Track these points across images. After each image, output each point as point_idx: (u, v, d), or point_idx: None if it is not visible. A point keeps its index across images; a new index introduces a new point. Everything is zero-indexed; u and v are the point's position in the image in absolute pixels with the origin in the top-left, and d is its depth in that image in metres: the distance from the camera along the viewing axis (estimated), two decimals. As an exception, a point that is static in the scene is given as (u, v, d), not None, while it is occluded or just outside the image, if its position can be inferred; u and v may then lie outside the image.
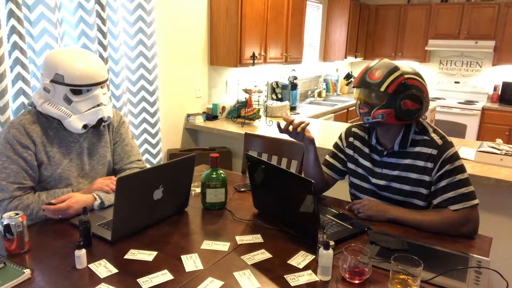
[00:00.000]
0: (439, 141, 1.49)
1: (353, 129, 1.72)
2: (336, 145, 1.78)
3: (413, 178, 1.52)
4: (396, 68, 1.46)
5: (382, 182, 1.59)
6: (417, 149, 1.51)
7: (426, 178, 1.50)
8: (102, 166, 1.68)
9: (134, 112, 2.72)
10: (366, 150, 1.65)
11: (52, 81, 1.48)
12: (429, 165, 1.49)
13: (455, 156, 1.47)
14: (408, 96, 1.45)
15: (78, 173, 1.60)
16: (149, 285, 1.09)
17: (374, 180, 1.61)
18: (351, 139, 1.71)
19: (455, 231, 1.42)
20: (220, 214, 1.57)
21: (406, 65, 1.51)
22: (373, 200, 1.59)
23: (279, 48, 3.65)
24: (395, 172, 1.55)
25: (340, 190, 2.05)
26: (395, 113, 1.46)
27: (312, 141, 1.63)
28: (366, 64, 1.55)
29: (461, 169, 1.46)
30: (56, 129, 1.56)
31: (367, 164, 1.63)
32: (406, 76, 1.46)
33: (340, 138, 1.76)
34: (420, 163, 1.51)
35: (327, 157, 1.79)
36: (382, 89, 1.45)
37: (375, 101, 1.49)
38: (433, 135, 1.52)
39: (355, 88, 1.56)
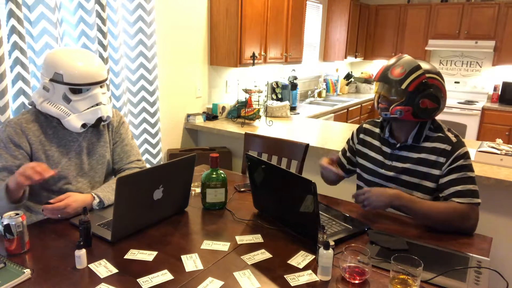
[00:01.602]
0: (454, 139, 1.53)
1: (364, 125, 1.78)
2: (347, 143, 1.85)
3: (421, 171, 1.55)
4: (418, 67, 1.49)
5: (390, 174, 1.61)
6: (431, 144, 1.54)
7: (435, 172, 1.52)
8: (101, 166, 1.68)
9: (134, 112, 2.71)
10: (377, 143, 1.69)
11: (51, 80, 1.48)
12: (441, 159, 1.51)
13: (467, 155, 1.50)
14: (427, 95, 1.48)
15: (77, 172, 1.60)
16: (149, 285, 1.09)
17: (382, 171, 1.63)
18: (362, 135, 1.77)
19: (459, 224, 1.42)
20: (220, 214, 1.57)
21: (427, 63, 1.53)
22: (376, 190, 1.50)
23: (279, 48, 3.65)
24: (406, 165, 1.58)
25: (340, 190, 2.05)
26: (412, 110, 1.50)
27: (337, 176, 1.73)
28: (392, 59, 1.58)
29: (471, 168, 1.50)
30: (56, 128, 1.56)
31: (377, 157, 1.67)
32: (427, 75, 1.49)
33: (352, 136, 1.83)
34: (432, 157, 1.53)
35: (339, 153, 1.87)
36: (403, 86, 1.48)
37: (395, 97, 1.52)
38: (447, 133, 1.56)
39: (375, 82, 1.60)
